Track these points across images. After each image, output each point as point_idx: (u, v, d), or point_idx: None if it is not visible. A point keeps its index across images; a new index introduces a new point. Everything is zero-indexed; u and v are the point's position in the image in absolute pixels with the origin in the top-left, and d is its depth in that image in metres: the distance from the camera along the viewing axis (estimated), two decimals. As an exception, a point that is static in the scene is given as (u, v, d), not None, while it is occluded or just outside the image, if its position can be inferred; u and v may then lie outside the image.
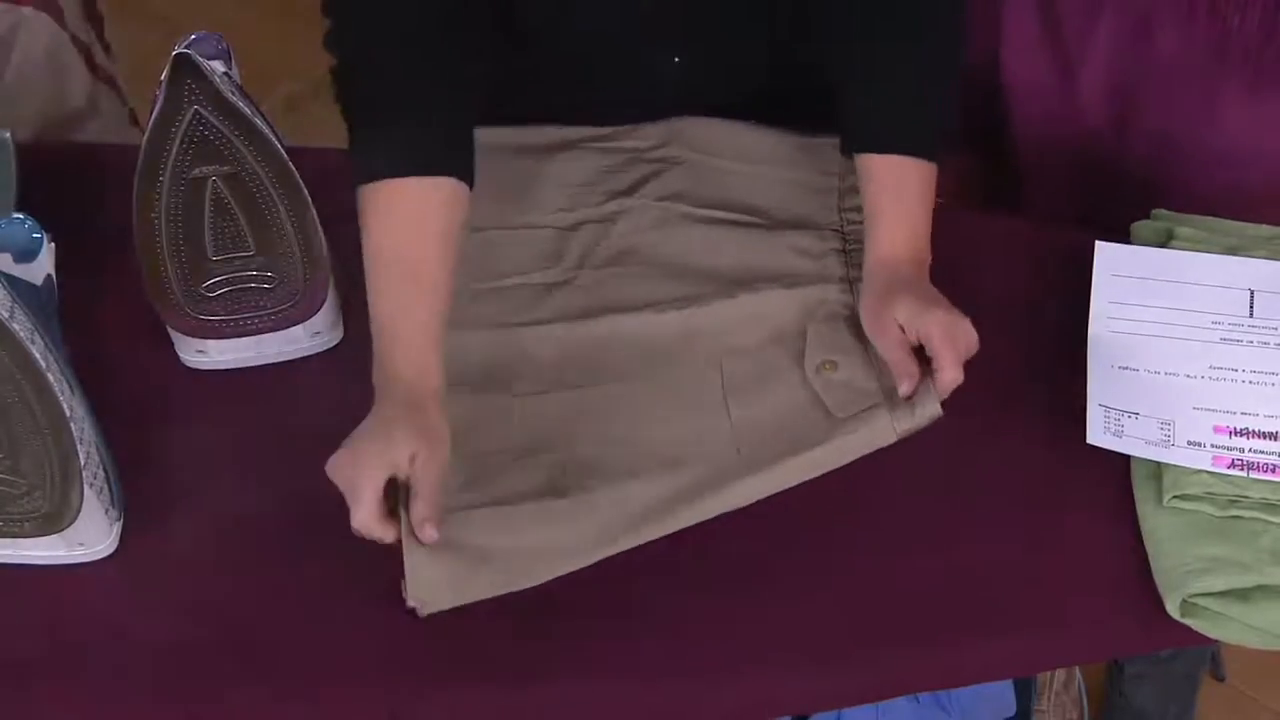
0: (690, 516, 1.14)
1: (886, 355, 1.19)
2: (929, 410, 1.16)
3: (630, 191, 1.35)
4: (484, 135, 1.21)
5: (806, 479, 1.16)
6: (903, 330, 1.18)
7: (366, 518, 1.08)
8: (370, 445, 1.09)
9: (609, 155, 1.37)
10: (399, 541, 1.10)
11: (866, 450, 1.18)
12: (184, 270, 1.18)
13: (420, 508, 1.09)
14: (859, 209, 1.25)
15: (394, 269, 1.15)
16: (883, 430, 1.17)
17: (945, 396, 1.17)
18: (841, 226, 1.31)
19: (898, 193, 1.21)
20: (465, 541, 1.11)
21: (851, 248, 1.29)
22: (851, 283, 1.26)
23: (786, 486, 1.16)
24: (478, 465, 1.17)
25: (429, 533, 1.08)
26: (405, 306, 1.14)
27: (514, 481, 1.16)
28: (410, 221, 1.16)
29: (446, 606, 1.10)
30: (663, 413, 1.21)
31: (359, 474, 1.08)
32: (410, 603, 1.09)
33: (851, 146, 1.24)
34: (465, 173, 1.18)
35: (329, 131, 1.21)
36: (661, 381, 1.23)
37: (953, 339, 1.16)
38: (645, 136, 1.38)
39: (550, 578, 1.12)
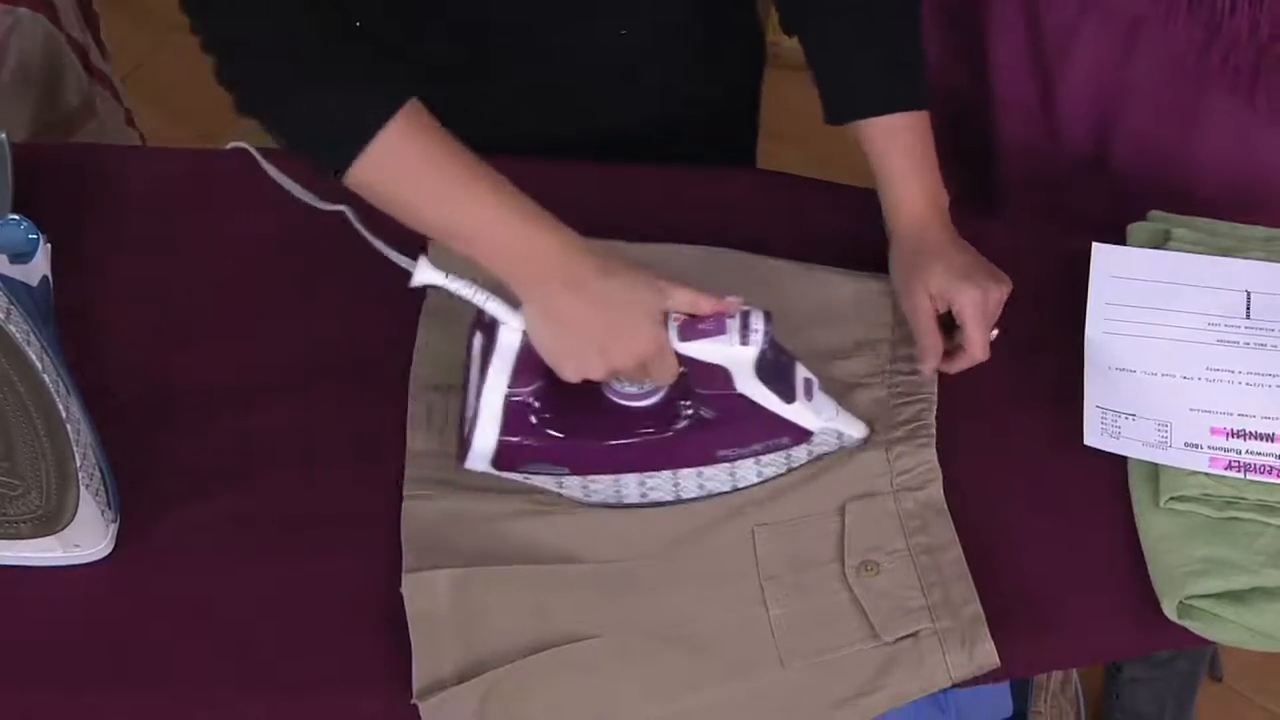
0: None
1: (914, 327, 1.20)
2: (985, 657, 1.09)
3: None
4: None
5: None
6: (933, 299, 1.18)
7: (674, 363, 1.08)
8: (633, 306, 1.06)
9: None
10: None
11: (920, 694, 1.10)
12: None
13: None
14: (910, 359, 1.23)
15: (448, 171, 1.06)
16: (937, 676, 1.10)
17: (956, 370, 1.20)
18: (887, 383, 1.23)
19: (905, 150, 1.21)
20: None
21: (895, 404, 1.22)
22: (890, 445, 1.19)
23: None
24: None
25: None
26: (497, 192, 1.06)
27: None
28: (432, 145, 1.06)
29: None
30: (694, 590, 1.14)
31: (646, 343, 1.06)
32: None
33: (844, 116, 1.22)
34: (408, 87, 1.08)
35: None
36: (689, 556, 1.15)
37: (984, 316, 1.17)
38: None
39: None
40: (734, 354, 1.08)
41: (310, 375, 1.25)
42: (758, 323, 1.08)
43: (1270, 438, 1.16)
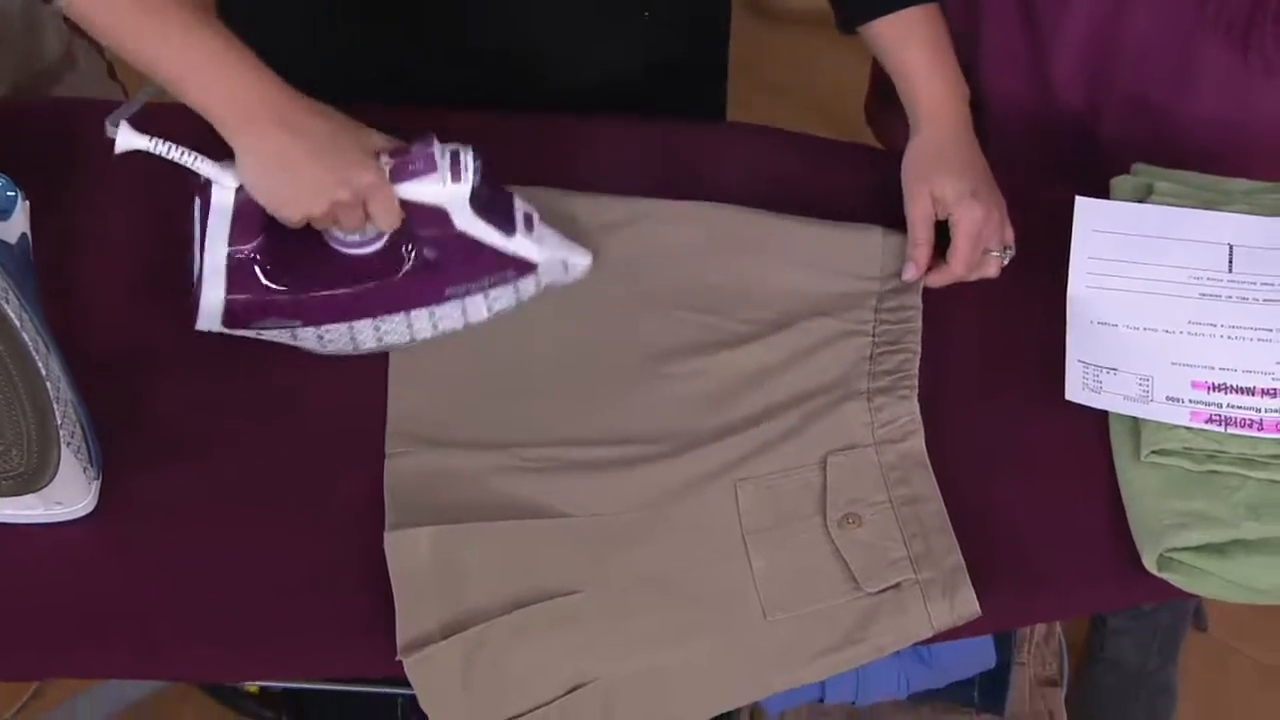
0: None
1: (910, 229, 1.22)
2: (965, 606, 1.10)
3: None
4: None
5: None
6: (936, 203, 1.19)
7: (396, 205, 1.09)
8: (345, 140, 1.08)
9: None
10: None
11: (903, 644, 1.11)
12: None
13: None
14: (897, 309, 1.23)
15: (170, 14, 1.06)
16: (919, 626, 1.11)
17: (937, 284, 1.22)
18: (873, 330, 1.24)
19: (922, 43, 1.22)
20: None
21: (879, 352, 1.22)
22: (872, 395, 1.20)
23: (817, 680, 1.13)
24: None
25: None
26: (214, 33, 1.07)
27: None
28: None
29: None
30: (677, 544, 1.14)
31: (363, 172, 1.08)
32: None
33: (858, 18, 1.24)
34: None
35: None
36: (672, 511, 1.15)
37: (980, 236, 1.18)
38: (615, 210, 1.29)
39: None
40: (447, 192, 1.10)
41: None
42: (468, 158, 1.10)
43: (1251, 391, 1.17)
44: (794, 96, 1.21)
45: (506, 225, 1.15)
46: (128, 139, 1.08)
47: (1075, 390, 1.19)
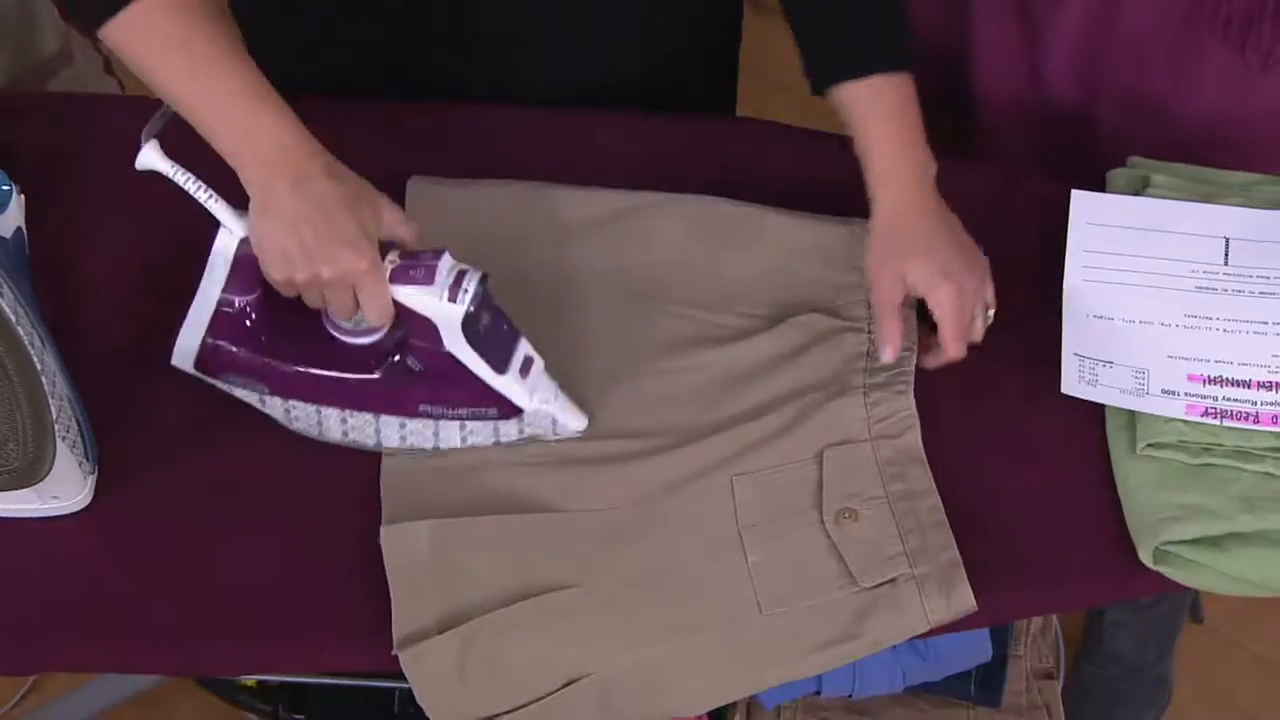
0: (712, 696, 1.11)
1: (877, 313, 1.18)
2: (962, 602, 1.11)
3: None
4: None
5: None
6: (906, 286, 1.16)
7: (387, 302, 1.06)
8: (348, 215, 1.04)
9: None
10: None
11: (899, 639, 1.11)
12: None
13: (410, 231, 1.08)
14: None
15: (200, 49, 1.05)
16: (915, 621, 1.11)
17: (932, 367, 1.18)
18: (868, 326, 1.23)
19: (890, 115, 1.16)
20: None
21: (874, 349, 1.21)
22: (868, 391, 1.20)
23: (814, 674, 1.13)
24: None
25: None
26: (244, 76, 1.05)
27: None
28: (191, 23, 1.05)
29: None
30: (673, 538, 1.14)
31: (356, 256, 1.03)
32: None
33: (825, 81, 1.18)
34: None
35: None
36: (668, 505, 1.15)
37: (960, 314, 1.15)
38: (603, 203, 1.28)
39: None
40: (440, 309, 1.06)
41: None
42: (470, 283, 1.06)
43: (1247, 384, 1.17)
44: (796, 93, 1.20)
45: (499, 362, 1.10)
46: (150, 158, 1.06)
47: (1071, 384, 1.19)
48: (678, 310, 1.24)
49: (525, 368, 1.12)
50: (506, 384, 1.11)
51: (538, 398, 1.12)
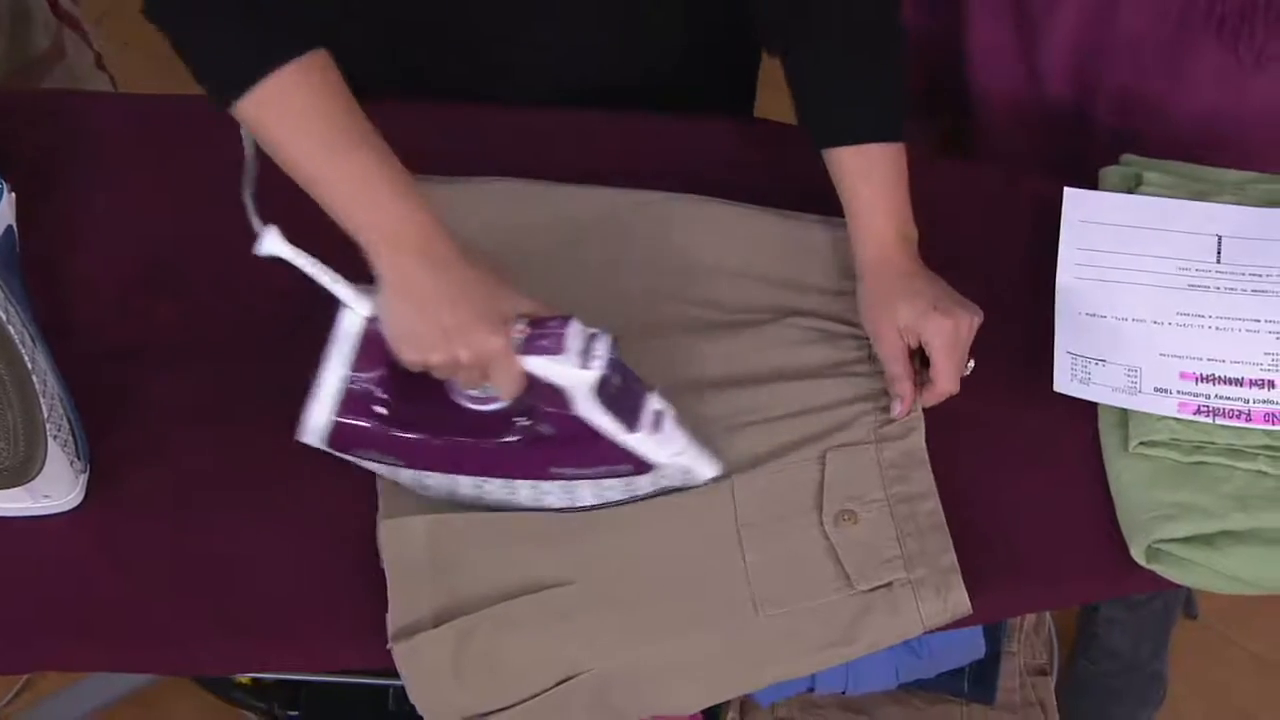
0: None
1: (885, 364, 1.18)
2: (958, 605, 1.11)
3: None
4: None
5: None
6: (902, 334, 1.16)
7: (520, 373, 1.05)
8: (482, 297, 1.04)
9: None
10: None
11: (895, 642, 1.12)
12: None
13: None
14: None
15: (338, 126, 1.05)
16: (911, 624, 1.11)
17: (930, 404, 1.18)
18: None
19: (879, 180, 1.18)
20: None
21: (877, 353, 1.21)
22: (876, 397, 1.19)
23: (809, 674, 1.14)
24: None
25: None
26: (380, 158, 1.05)
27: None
28: (323, 98, 1.05)
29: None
30: (671, 536, 1.14)
31: (489, 336, 1.03)
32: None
33: (822, 142, 1.20)
34: (319, 40, 1.08)
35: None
36: (667, 503, 1.15)
37: (954, 346, 1.15)
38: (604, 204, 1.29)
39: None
40: (571, 375, 1.06)
41: (284, 326, 1.24)
42: (600, 348, 1.06)
43: (1239, 382, 1.17)
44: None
45: (631, 419, 1.09)
46: (274, 245, 1.05)
47: (1064, 382, 1.19)
48: (675, 308, 1.24)
49: (657, 422, 1.11)
50: (639, 441, 1.10)
51: (670, 451, 1.11)
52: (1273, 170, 1.29)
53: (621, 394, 1.09)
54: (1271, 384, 1.16)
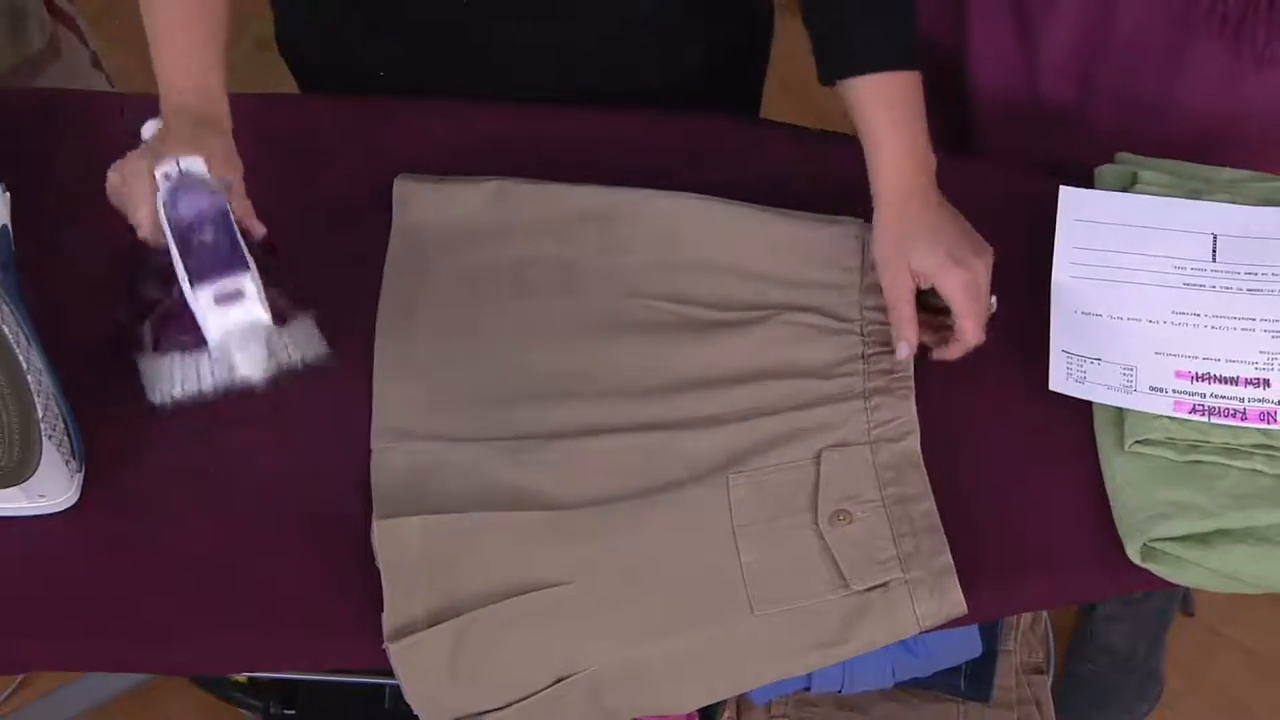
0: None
1: (892, 306, 1.18)
2: (954, 606, 1.11)
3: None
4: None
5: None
6: (915, 275, 1.15)
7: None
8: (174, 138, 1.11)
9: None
10: None
11: (890, 641, 1.12)
12: None
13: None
14: (882, 309, 1.20)
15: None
16: (906, 625, 1.11)
17: (955, 357, 1.18)
18: (861, 329, 1.22)
19: (895, 110, 1.17)
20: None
21: (871, 352, 1.21)
22: (869, 395, 1.19)
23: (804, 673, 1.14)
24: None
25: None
26: (184, 19, 1.15)
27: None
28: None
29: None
30: (666, 536, 1.14)
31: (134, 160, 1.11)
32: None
33: (836, 74, 1.19)
34: None
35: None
36: (663, 502, 1.15)
37: (975, 300, 1.15)
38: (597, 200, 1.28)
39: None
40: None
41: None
42: (174, 166, 1.09)
43: (1234, 381, 1.17)
44: (796, 92, 1.19)
45: (202, 275, 1.06)
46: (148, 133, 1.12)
47: (1059, 380, 1.19)
48: (669, 306, 1.24)
49: (232, 297, 1.05)
50: (199, 299, 1.05)
51: (221, 329, 1.06)
52: (1274, 170, 1.29)
53: (207, 248, 1.06)
54: (1267, 383, 1.16)
